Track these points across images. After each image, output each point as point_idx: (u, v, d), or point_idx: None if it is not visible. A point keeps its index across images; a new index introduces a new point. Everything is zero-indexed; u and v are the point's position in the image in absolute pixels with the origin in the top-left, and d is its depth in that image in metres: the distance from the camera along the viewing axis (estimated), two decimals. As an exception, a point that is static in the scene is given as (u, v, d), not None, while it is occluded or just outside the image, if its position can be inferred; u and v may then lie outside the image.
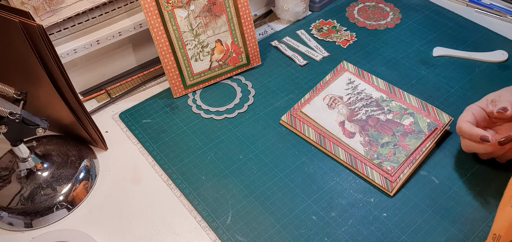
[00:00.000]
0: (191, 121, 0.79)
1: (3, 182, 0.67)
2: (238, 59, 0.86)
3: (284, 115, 0.78)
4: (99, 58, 0.85)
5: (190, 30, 0.80)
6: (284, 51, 0.93)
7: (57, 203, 0.65)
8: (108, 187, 0.69)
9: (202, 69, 0.83)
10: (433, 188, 0.67)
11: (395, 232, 0.62)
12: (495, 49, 0.90)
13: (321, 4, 1.04)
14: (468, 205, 0.65)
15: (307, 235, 0.62)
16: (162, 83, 0.87)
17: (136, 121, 0.79)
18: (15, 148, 0.64)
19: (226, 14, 0.83)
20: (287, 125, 0.76)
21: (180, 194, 0.68)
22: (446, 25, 0.97)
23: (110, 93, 0.85)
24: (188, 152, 0.73)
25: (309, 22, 1.01)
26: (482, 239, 0.61)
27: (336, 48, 0.93)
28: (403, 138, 0.72)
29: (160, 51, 0.79)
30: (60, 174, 0.67)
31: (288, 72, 0.88)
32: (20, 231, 0.64)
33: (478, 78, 0.84)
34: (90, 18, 0.79)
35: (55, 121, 0.72)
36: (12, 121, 0.59)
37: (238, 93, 0.84)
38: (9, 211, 0.64)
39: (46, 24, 0.73)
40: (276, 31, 0.99)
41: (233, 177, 0.69)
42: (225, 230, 0.63)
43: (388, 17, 1.01)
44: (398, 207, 0.65)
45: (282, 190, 0.67)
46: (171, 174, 0.70)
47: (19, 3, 0.70)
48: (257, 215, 0.64)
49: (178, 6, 0.78)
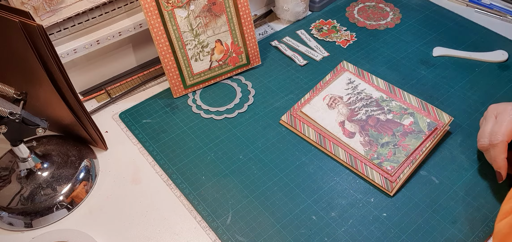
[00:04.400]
0: (191, 121, 0.79)
1: (3, 182, 0.67)
2: (238, 59, 0.86)
3: (284, 115, 0.78)
4: (99, 58, 0.85)
5: (190, 30, 0.80)
6: (284, 51, 0.93)
7: (57, 203, 0.65)
8: (108, 187, 0.69)
9: (202, 69, 0.83)
10: (433, 188, 0.67)
11: (395, 232, 0.62)
12: (495, 49, 0.90)
13: (321, 4, 1.04)
14: (468, 205, 0.65)
15: (307, 235, 0.62)
16: (162, 83, 0.87)
17: (136, 121, 0.79)
18: (15, 148, 0.64)
19: (226, 14, 0.83)
20: (287, 125, 0.76)
21: (180, 194, 0.68)
22: (446, 25, 0.98)
23: (110, 93, 0.85)
24: (188, 152, 0.73)
25: (309, 22, 1.01)
26: (482, 239, 0.61)
27: (336, 48, 0.93)
28: (403, 137, 0.72)
29: (160, 51, 0.79)
30: (60, 174, 0.67)
31: (288, 72, 0.88)
32: (20, 231, 0.64)
33: (478, 78, 0.84)
34: (90, 18, 0.79)
35: (55, 121, 0.72)
36: (12, 121, 0.59)
37: (238, 93, 0.84)
38: (9, 211, 0.64)
39: (46, 24, 0.74)
40: (276, 31, 0.99)
41: (233, 177, 0.69)
42: (225, 230, 0.63)
43: (388, 17, 1.01)
44: (398, 207, 0.65)
45: (282, 190, 0.67)
46: (171, 174, 0.70)
47: (19, 3, 0.70)
48: (257, 215, 0.64)
49: (178, 6, 0.78)
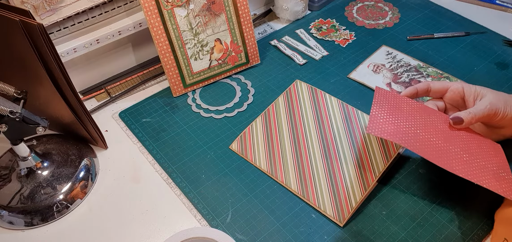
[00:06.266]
0: (190, 120, 0.79)
1: (3, 181, 0.67)
2: (237, 58, 0.86)
3: (234, 142, 0.74)
4: (99, 57, 0.85)
5: (189, 29, 0.80)
6: (283, 50, 0.93)
7: (57, 202, 0.65)
8: (108, 185, 0.69)
9: (202, 68, 0.84)
10: (432, 186, 0.67)
11: (394, 229, 0.62)
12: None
13: (320, 4, 1.04)
14: (468, 203, 0.65)
15: (307, 233, 0.62)
16: (162, 82, 0.87)
17: (136, 119, 0.79)
18: (15, 147, 0.64)
19: (225, 13, 0.83)
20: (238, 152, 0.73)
21: (180, 193, 0.68)
22: (445, 24, 0.98)
23: (110, 93, 0.85)
24: (188, 150, 0.74)
25: (308, 21, 1.01)
26: (480, 237, 0.61)
27: (335, 47, 0.93)
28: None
29: (160, 50, 0.79)
30: (60, 173, 0.68)
31: (288, 71, 0.88)
32: (20, 230, 0.64)
33: (476, 77, 0.85)
34: (90, 17, 0.79)
35: (55, 119, 0.72)
36: (12, 119, 0.59)
37: (237, 92, 0.84)
38: (9, 210, 0.64)
39: (46, 23, 0.74)
40: (275, 30, 0.99)
41: (233, 176, 0.69)
42: (225, 228, 0.63)
43: (387, 17, 1.01)
44: (398, 204, 0.65)
45: (282, 188, 0.68)
46: (171, 172, 0.70)
47: (19, 2, 0.70)
48: (256, 213, 0.65)
49: (177, 5, 0.78)
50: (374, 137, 0.72)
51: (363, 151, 0.70)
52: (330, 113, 0.77)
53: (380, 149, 0.70)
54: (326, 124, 0.75)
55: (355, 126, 0.74)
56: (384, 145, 0.71)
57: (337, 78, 0.85)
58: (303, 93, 0.81)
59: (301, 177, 0.68)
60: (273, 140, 0.73)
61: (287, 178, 0.68)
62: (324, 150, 0.71)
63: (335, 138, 0.73)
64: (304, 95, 0.81)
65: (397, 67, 0.87)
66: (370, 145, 0.71)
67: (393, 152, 0.70)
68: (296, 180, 0.68)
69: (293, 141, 0.73)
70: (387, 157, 0.69)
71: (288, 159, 0.70)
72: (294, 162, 0.70)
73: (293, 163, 0.70)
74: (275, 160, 0.71)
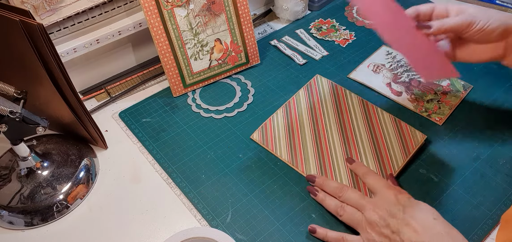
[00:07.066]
0: (190, 120, 0.79)
1: (3, 181, 0.67)
2: (237, 58, 0.86)
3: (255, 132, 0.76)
4: (99, 57, 0.85)
5: (189, 29, 0.80)
6: (283, 50, 0.93)
7: (57, 202, 0.65)
8: (108, 185, 0.70)
9: (202, 68, 0.84)
10: (431, 186, 0.67)
11: (394, 230, 0.62)
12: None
13: (320, 4, 1.04)
14: (467, 204, 0.65)
15: (307, 232, 0.62)
16: (162, 82, 0.87)
17: (136, 119, 0.79)
18: (15, 147, 0.64)
19: (225, 13, 0.83)
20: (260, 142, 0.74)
21: (180, 193, 0.68)
22: (445, 24, 0.98)
23: (110, 93, 0.85)
24: (188, 150, 0.74)
25: (308, 21, 1.01)
26: (480, 237, 0.61)
27: (335, 47, 0.93)
28: (444, 95, 0.80)
29: (160, 50, 0.79)
30: (60, 173, 0.68)
31: (288, 72, 0.88)
32: (20, 230, 0.64)
33: (476, 76, 0.85)
34: (90, 17, 0.79)
35: (55, 119, 0.72)
36: (12, 119, 0.59)
37: (237, 92, 0.84)
38: (9, 210, 0.64)
39: (46, 23, 0.74)
40: (275, 30, 0.99)
41: (233, 176, 0.70)
42: (225, 228, 0.63)
43: (387, 17, 1.01)
44: (397, 205, 0.65)
45: (282, 188, 0.68)
46: (171, 172, 0.70)
47: (19, 2, 0.70)
48: (256, 213, 0.65)
49: (177, 5, 0.78)
50: (393, 132, 0.73)
51: (382, 146, 0.71)
52: (350, 109, 0.78)
53: (399, 144, 0.71)
54: (346, 118, 0.76)
55: (375, 122, 0.75)
56: (403, 141, 0.72)
57: (337, 78, 0.85)
58: (324, 88, 0.82)
59: (321, 168, 0.69)
60: (294, 131, 0.74)
61: (308, 169, 0.69)
62: (344, 143, 0.72)
63: (355, 133, 0.73)
64: (325, 89, 0.82)
65: (397, 67, 0.87)
66: (389, 140, 0.72)
67: (412, 148, 0.71)
68: (317, 172, 0.69)
69: (314, 133, 0.74)
70: (406, 152, 0.70)
71: (309, 150, 0.71)
72: (315, 154, 0.71)
73: (314, 154, 0.71)
74: (296, 150, 0.72)
